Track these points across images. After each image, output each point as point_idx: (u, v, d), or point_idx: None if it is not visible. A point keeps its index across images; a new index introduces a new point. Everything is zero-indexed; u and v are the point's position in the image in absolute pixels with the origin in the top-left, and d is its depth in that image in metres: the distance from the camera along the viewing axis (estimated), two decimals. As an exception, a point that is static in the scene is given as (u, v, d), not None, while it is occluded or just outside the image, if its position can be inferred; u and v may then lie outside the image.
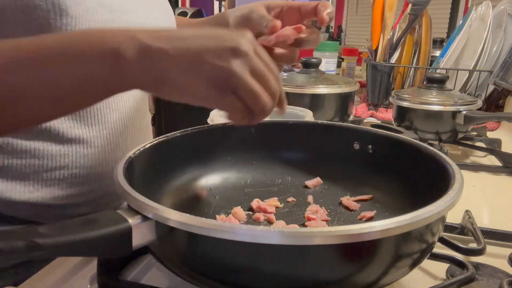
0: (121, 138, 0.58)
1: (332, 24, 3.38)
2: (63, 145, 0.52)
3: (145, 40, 0.35)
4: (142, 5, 0.59)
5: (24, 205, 0.51)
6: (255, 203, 0.50)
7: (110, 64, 0.35)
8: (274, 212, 0.49)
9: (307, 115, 0.71)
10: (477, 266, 0.42)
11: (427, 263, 0.40)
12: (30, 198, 0.51)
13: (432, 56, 1.23)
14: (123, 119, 0.58)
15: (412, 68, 1.18)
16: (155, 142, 0.48)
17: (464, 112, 0.80)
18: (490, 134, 0.98)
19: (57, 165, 0.52)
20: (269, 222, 0.47)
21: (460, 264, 0.41)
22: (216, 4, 3.39)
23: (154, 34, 0.36)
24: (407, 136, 0.52)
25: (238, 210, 0.48)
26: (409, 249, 0.33)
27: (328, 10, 0.50)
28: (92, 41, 0.36)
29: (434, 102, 0.83)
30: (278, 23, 0.49)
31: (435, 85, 0.87)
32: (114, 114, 0.56)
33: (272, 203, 0.50)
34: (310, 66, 0.98)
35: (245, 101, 0.36)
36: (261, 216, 0.48)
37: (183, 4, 4.01)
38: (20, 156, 0.50)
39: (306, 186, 0.55)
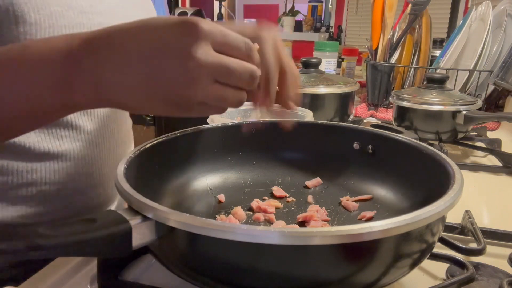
0: (97, 150, 0.53)
1: (332, 24, 3.38)
2: (31, 160, 0.47)
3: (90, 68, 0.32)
4: (119, 4, 0.54)
5: None
6: (255, 203, 0.50)
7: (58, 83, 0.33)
8: (274, 212, 0.49)
9: (307, 115, 0.71)
10: (477, 266, 0.42)
11: (427, 263, 0.40)
12: None
13: (432, 56, 1.23)
14: (99, 129, 0.53)
15: (412, 68, 1.18)
16: (155, 142, 0.48)
17: (464, 112, 0.80)
18: (490, 134, 0.98)
19: (24, 181, 0.47)
20: (269, 222, 0.47)
21: (460, 264, 0.41)
22: (216, 4, 3.39)
23: (93, 59, 0.32)
24: (407, 136, 0.52)
25: (238, 210, 0.48)
26: (409, 249, 0.33)
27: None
28: (31, 48, 0.33)
29: (434, 102, 0.83)
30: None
31: (435, 85, 0.87)
32: (88, 125, 0.52)
33: (272, 203, 0.50)
34: (310, 66, 0.98)
35: (214, 106, 0.34)
36: (261, 216, 0.48)
37: (183, 4, 4.01)
38: None
39: (306, 186, 0.55)
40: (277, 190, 0.54)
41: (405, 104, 0.86)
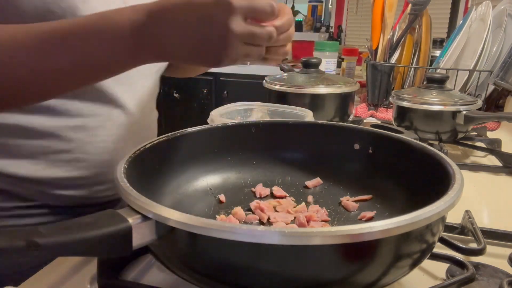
0: (124, 132, 0.62)
1: (332, 24, 3.37)
2: (70, 131, 0.57)
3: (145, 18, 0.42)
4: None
5: (30, 182, 0.56)
6: (255, 203, 0.50)
7: (122, 37, 0.42)
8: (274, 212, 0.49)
9: (307, 115, 0.71)
10: (477, 266, 0.42)
11: (427, 263, 0.40)
12: (36, 176, 0.56)
13: (432, 56, 1.23)
14: (127, 115, 0.62)
15: (412, 68, 1.18)
16: (155, 142, 0.48)
17: (464, 112, 0.80)
18: (490, 134, 0.98)
19: (63, 148, 0.57)
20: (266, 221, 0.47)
21: (460, 264, 0.41)
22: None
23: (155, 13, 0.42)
24: (407, 136, 0.52)
25: (238, 210, 0.48)
26: (409, 249, 0.33)
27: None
28: (107, 19, 0.43)
29: (434, 102, 0.83)
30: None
31: (435, 85, 0.87)
32: (118, 110, 0.60)
33: (272, 204, 0.50)
34: (310, 66, 0.98)
35: (241, 60, 0.43)
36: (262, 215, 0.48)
37: None
38: (31, 137, 0.55)
39: (306, 186, 0.55)
40: (277, 190, 0.54)
41: (405, 104, 0.86)
